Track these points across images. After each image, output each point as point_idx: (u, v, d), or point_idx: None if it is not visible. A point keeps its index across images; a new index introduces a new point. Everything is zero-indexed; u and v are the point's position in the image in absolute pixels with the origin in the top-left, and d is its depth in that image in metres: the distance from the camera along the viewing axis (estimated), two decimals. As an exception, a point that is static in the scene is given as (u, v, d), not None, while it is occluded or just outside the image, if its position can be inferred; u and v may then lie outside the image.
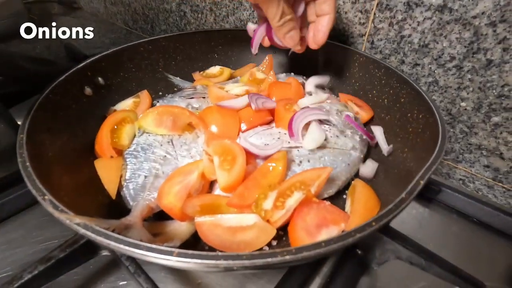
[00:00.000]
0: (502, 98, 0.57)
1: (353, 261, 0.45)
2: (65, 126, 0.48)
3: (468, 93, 0.61)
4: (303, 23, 0.54)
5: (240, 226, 0.36)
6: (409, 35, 0.63)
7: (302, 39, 0.54)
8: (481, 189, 0.64)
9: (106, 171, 0.42)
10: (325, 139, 0.46)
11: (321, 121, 0.50)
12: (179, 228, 0.38)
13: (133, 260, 0.37)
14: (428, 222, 0.55)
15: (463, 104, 0.62)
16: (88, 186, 0.43)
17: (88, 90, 0.55)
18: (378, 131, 0.54)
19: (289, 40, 0.52)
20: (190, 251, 0.25)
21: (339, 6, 0.70)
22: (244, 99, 0.53)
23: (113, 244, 0.26)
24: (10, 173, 0.57)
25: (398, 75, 0.56)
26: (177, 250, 0.25)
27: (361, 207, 0.37)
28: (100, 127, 0.48)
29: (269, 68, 0.69)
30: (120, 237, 0.26)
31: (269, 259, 0.25)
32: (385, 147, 0.52)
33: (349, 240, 0.27)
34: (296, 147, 0.46)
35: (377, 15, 0.65)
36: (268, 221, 0.37)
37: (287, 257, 0.25)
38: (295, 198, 0.38)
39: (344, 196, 0.46)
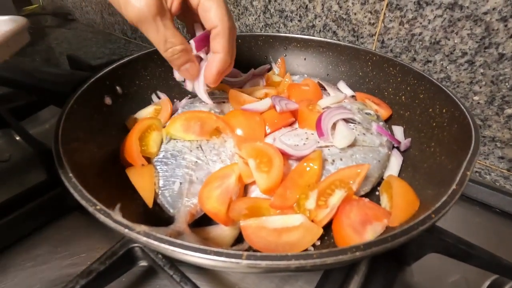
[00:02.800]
0: (515, 90, 0.59)
1: (390, 258, 0.45)
2: (90, 136, 0.47)
3: (480, 87, 0.62)
4: None
5: (285, 227, 0.35)
6: (420, 33, 0.65)
7: None
8: (498, 180, 0.65)
9: (140, 180, 0.41)
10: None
11: (345, 120, 0.50)
12: (223, 233, 0.37)
13: (177, 268, 0.36)
14: (451, 214, 0.56)
15: (476, 98, 0.63)
16: (121, 196, 0.42)
17: (107, 100, 0.54)
18: (398, 132, 0.55)
19: (185, 73, 0.45)
20: (258, 253, 0.25)
21: (347, 8, 0.71)
22: (266, 102, 0.53)
23: (178, 250, 0.25)
24: (26, 188, 0.55)
25: (415, 71, 0.57)
26: (245, 253, 0.24)
27: (403, 201, 0.38)
28: (128, 136, 0.47)
29: (282, 70, 0.69)
30: (185, 243, 0.25)
31: (340, 257, 0.24)
32: (403, 144, 0.52)
33: (413, 233, 0.27)
34: (326, 146, 0.47)
35: (387, 15, 0.67)
36: (312, 221, 0.37)
37: (357, 253, 0.25)
38: (338, 196, 0.38)
39: (377, 193, 0.46)
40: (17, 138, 0.70)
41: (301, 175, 0.41)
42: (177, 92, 0.69)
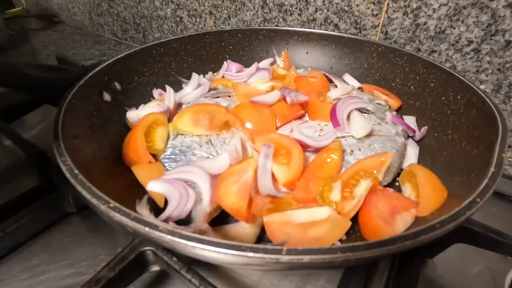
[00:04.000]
0: (522, 77, 0.59)
1: (415, 251, 0.44)
2: (90, 133, 0.44)
3: (487, 75, 0.62)
4: None
5: (312, 221, 0.33)
6: (425, 23, 0.64)
7: None
8: (506, 169, 0.65)
9: (149, 178, 0.37)
10: (369, 127, 0.45)
11: (359, 110, 0.49)
12: (243, 231, 0.34)
13: (195, 271, 0.33)
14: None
15: (482, 86, 0.63)
16: (127, 195, 0.39)
17: (106, 96, 0.51)
18: (410, 121, 0.54)
19: None
20: (299, 248, 0.22)
21: (349, 0, 0.70)
22: (275, 94, 0.51)
23: (209, 248, 0.22)
24: (19, 193, 0.51)
25: (424, 60, 0.56)
26: (285, 248, 0.22)
27: (431, 190, 0.36)
28: (132, 132, 0.43)
29: (287, 63, 0.67)
30: (217, 240, 0.22)
31: (389, 247, 0.22)
32: (418, 134, 0.51)
33: (461, 219, 0.25)
34: (343, 137, 0.45)
35: (390, 6, 0.66)
36: (339, 213, 0.35)
37: (407, 243, 0.23)
38: (364, 186, 0.36)
39: (396, 184, 0.45)
40: (5, 141, 0.66)
41: (321, 167, 0.39)
42: (176, 89, 0.66)
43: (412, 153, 0.47)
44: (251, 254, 0.22)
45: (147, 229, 0.24)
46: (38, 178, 0.54)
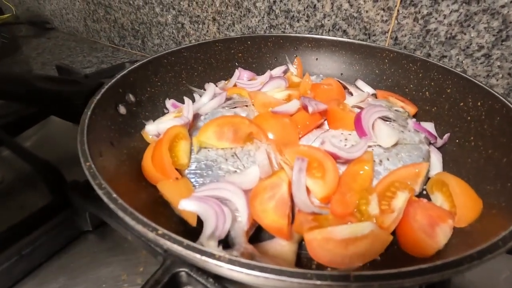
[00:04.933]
0: (532, 81, 0.60)
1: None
2: (111, 149, 0.42)
3: (497, 80, 0.63)
4: None
5: (353, 237, 0.32)
6: (435, 29, 0.64)
7: None
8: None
9: (179, 196, 0.36)
10: (394, 136, 0.44)
11: (381, 119, 0.48)
12: (282, 249, 0.33)
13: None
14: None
15: (492, 90, 0.64)
16: (153, 214, 0.37)
17: (122, 109, 0.49)
18: (429, 128, 0.54)
19: None
20: (367, 272, 0.21)
21: (359, 6, 0.70)
22: (296, 103, 0.50)
23: (272, 277, 0.21)
24: (30, 213, 0.49)
25: (439, 66, 0.56)
26: (352, 273, 0.21)
27: (467, 200, 0.36)
28: (155, 147, 0.42)
29: (299, 70, 0.67)
30: (278, 267, 0.21)
31: (459, 268, 0.22)
32: (439, 141, 0.51)
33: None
34: (369, 146, 0.44)
35: (400, 12, 0.66)
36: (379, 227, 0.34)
37: (475, 262, 0.22)
38: (402, 198, 0.35)
39: (424, 192, 0.44)
40: (5, 154, 0.63)
41: (354, 179, 0.38)
42: (189, 98, 0.65)
43: (436, 160, 0.47)
44: (318, 282, 0.21)
45: (203, 257, 0.22)
46: (50, 195, 0.52)
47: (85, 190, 0.49)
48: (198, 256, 0.23)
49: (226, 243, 0.33)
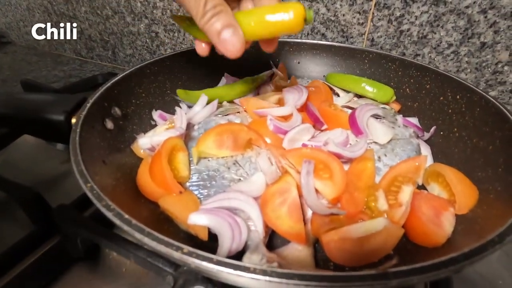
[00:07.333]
0: (497, 74, 0.65)
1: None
2: (103, 167, 0.40)
3: (466, 74, 0.68)
4: None
5: (368, 235, 0.33)
6: (408, 29, 0.68)
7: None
8: None
9: (186, 211, 0.34)
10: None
11: (373, 116, 0.50)
12: (300, 254, 0.33)
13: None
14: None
15: (462, 84, 0.68)
16: (161, 232, 0.35)
17: (109, 124, 0.46)
18: (414, 122, 0.56)
19: (225, 44, 0.34)
20: (405, 268, 0.22)
21: (335, 10, 0.73)
22: (290, 107, 0.51)
23: (314, 284, 0.21)
24: (12, 244, 0.44)
25: (416, 64, 0.60)
26: (391, 270, 0.21)
27: (465, 188, 0.38)
28: (154, 161, 0.40)
29: (284, 74, 0.67)
30: (317, 273, 0.21)
31: (481, 254, 0.23)
32: (426, 134, 0.54)
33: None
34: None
35: (375, 14, 0.70)
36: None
37: (497, 246, 0.23)
38: (408, 192, 0.36)
39: (419, 185, 0.46)
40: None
41: (359, 177, 0.39)
42: (173, 108, 0.63)
43: (427, 153, 0.49)
44: (358, 283, 0.21)
45: (238, 272, 0.21)
46: (31, 224, 0.47)
47: (74, 214, 0.46)
48: (231, 270, 0.21)
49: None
